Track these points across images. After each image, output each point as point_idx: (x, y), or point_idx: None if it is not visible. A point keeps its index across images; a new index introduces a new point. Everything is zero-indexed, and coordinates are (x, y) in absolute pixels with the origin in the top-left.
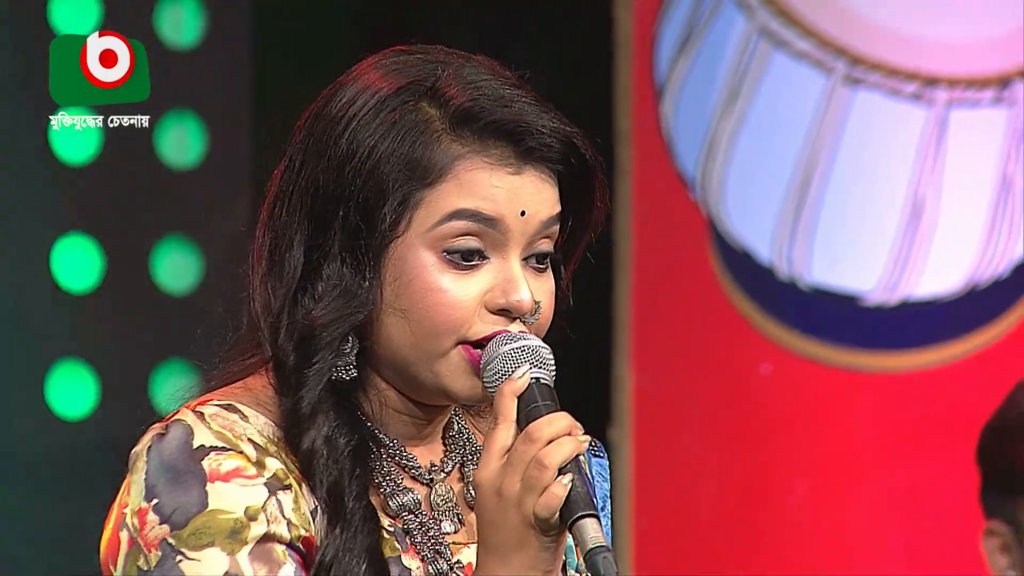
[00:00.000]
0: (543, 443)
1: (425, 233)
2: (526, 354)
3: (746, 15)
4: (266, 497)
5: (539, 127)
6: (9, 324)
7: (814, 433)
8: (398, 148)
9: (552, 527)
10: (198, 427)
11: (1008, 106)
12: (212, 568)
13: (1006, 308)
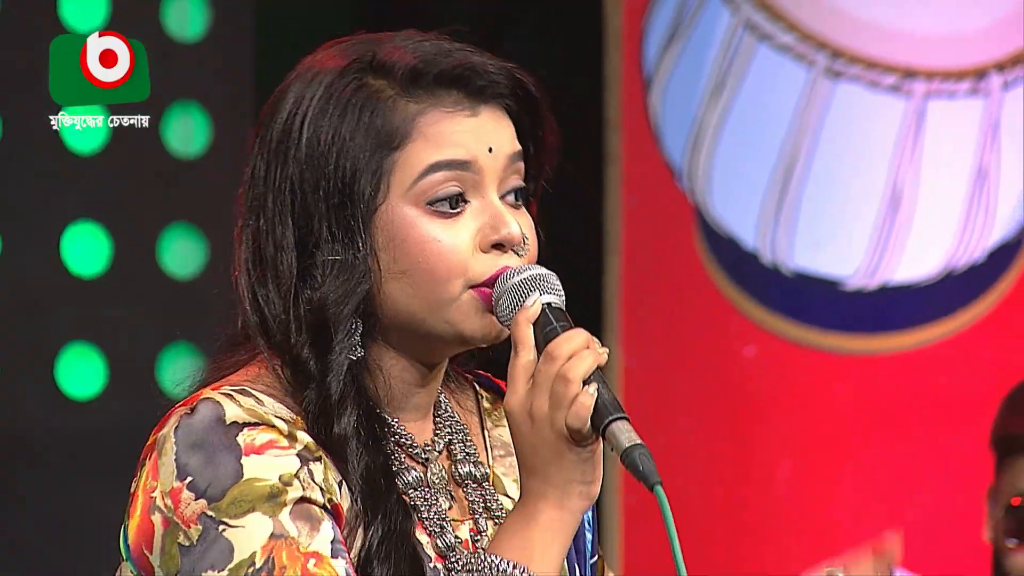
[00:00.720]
0: (564, 359)
1: (406, 193)
2: (534, 282)
3: (731, 9)
4: (299, 466)
5: (484, 68)
6: (21, 308)
7: (798, 413)
8: (358, 124)
9: (586, 436)
10: (228, 405)
11: (984, 97)
12: (257, 531)
13: (982, 292)
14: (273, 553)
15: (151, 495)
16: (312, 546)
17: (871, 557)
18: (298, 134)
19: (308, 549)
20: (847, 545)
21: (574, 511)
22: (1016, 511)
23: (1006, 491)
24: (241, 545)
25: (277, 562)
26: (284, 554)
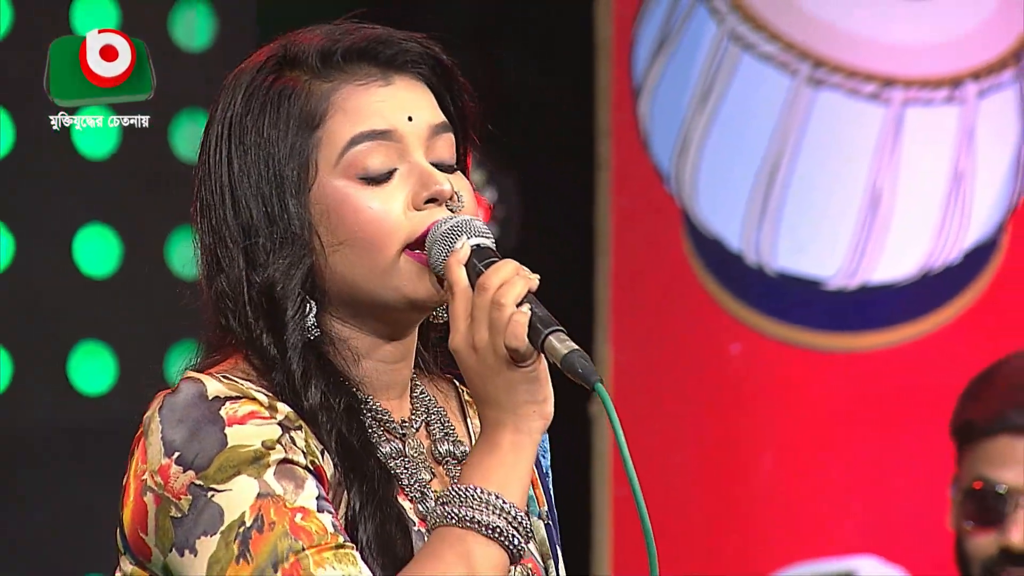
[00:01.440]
0: (495, 288)
1: (333, 168)
2: (461, 228)
3: (716, 20)
4: (280, 433)
5: (391, 38)
6: (34, 307)
7: (780, 408)
8: (279, 113)
9: (526, 355)
10: (209, 381)
11: (959, 105)
12: (244, 493)
13: (958, 292)
14: (261, 511)
15: (142, 478)
16: (298, 502)
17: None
18: (227, 137)
19: (294, 505)
20: (827, 534)
21: (531, 431)
22: (975, 494)
23: (966, 476)
24: (230, 507)
25: (266, 519)
26: (272, 511)
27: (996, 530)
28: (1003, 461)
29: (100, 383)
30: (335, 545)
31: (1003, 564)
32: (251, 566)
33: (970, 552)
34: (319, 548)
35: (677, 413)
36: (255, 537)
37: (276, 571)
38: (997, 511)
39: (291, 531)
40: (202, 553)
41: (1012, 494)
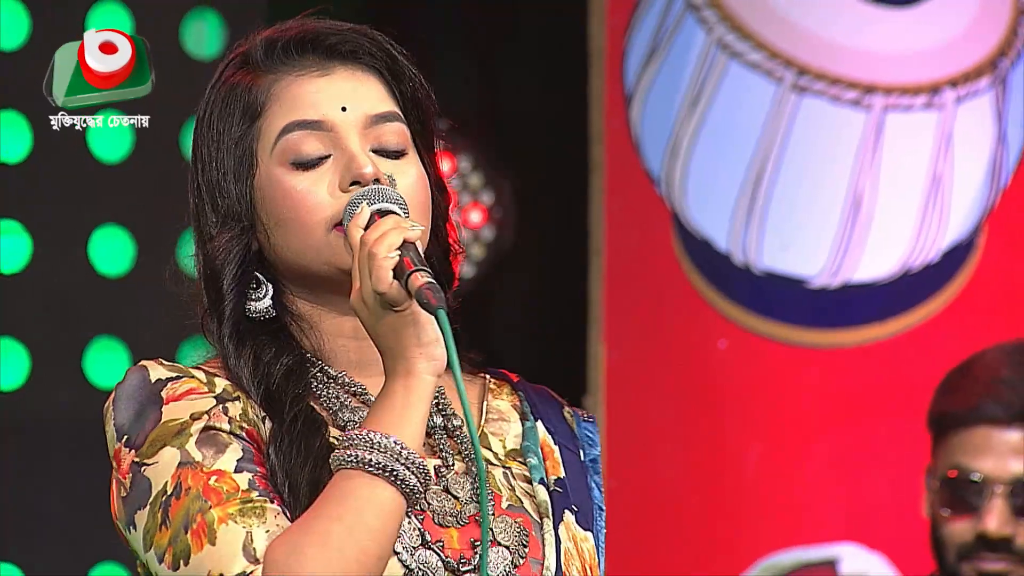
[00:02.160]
0: (371, 241)
1: (270, 155)
2: (364, 196)
3: (705, 30)
4: (213, 404)
5: (333, 29)
6: (52, 305)
7: (766, 402)
8: (229, 110)
9: (397, 299)
10: (153, 367)
11: (938, 111)
12: (167, 463)
13: (936, 290)
14: (180, 479)
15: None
16: (215, 466)
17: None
18: (195, 132)
19: (211, 469)
20: (811, 522)
21: (420, 374)
22: (951, 482)
23: (942, 466)
24: (156, 478)
25: (183, 485)
26: (189, 477)
27: (972, 517)
28: (979, 450)
29: (114, 377)
30: (242, 500)
31: (978, 550)
32: (169, 531)
33: (946, 538)
34: (225, 504)
35: (667, 406)
36: (173, 504)
37: (187, 533)
38: (973, 499)
39: (203, 493)
40: (139, 526)
41: (988, 482)
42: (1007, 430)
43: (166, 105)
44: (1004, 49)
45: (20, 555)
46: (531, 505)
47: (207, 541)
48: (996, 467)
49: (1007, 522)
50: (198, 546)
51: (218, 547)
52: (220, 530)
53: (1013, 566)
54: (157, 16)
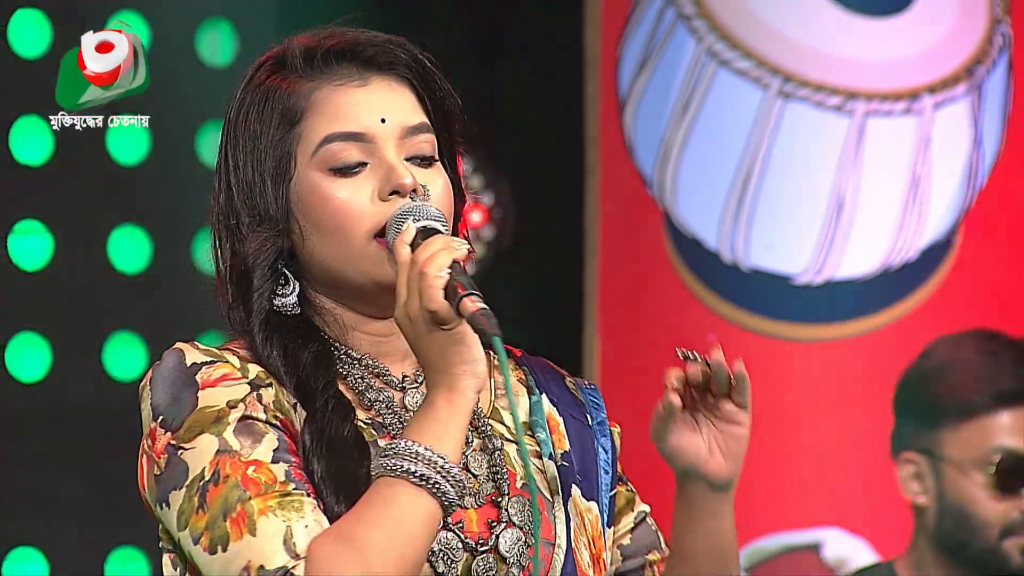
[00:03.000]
0: (423, 260)
1: (309, 161)
2: (410, 212)
3: (696, 39)
4: (248, 392)
5: (371, 40)
6: (72, 301)
7: (753, 393)
8: (265, 113)
9: (446, 317)
10: (189, 351)
11: (917, 116)
12: (205, 450)
13: (915, 287)
14: (218, 466)
15: (142, 445)
16: (253, 455)
17: None
18: (226, 133)
19: (249, 458)
20: (796, 508)
21: (464, 390)
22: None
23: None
24: (194, 463)
25: (221, 472)
26: (228, 465)
27: (1018, 497)
28: (1010, 433)
29: (132, 369)
30: (281, 493)
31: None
32: (207, 516)
33: (988, 519)
34: (265, 496)
35: (659, 396)
36: (211, 490)
37: (225, 520)
38: (1017, 479)
39: (241, 483)
40: (173, 505)
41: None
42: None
43: (181, 110)
44: (980, 57)
45: (42, 540)
46: (542, 481)
47: (247, 531)
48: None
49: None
50: (237, 534)
51: (258, 538)
52: (260, 521)
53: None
54: (173, 25)
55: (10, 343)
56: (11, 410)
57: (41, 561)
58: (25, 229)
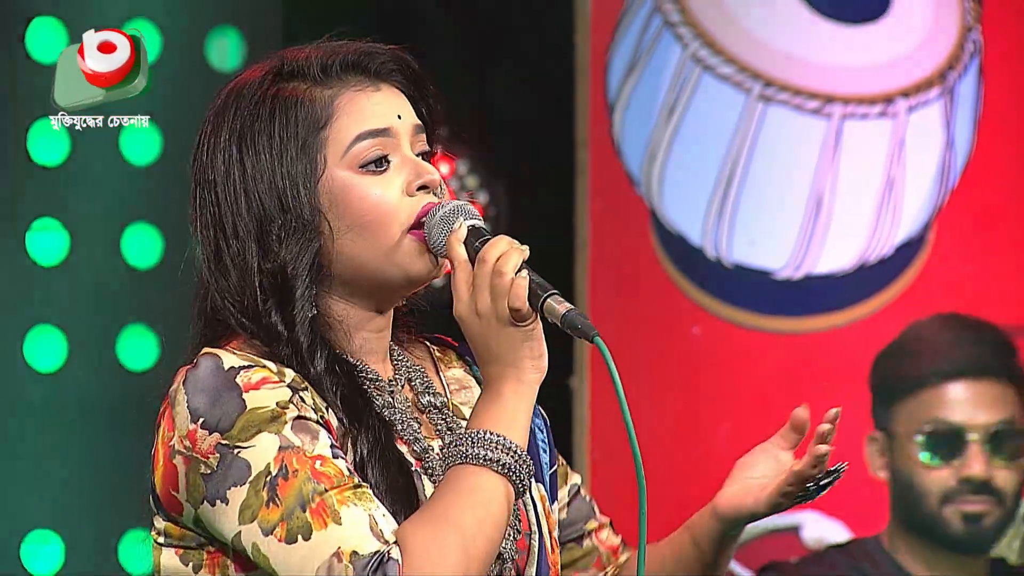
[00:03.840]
0: (494, 260)
1: (340, 161)
2: (457, 211)
3: (681, 45)
4: (291, 394)
5: (376, 51)
6: (87, 295)
7: (736, 382)
8: (287, 119)
9: (526, 316)
10: (225, 355)
11: (892, 119)
12: (267, 447)
13: (889, 282)
14: (284, 461)
15: (170, 444)
16: (316, 451)
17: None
18: (238, 143)
19: (313, 454)
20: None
21: (530, 383)
22: (931, 436)
23: (913, 423)
24: (256, 460)
25: (289, 467)
26: (294, 460)
27: (953, 465)
28: (948, 405)
29: (144, 360)
30: (353, 485)
31: (962, 493)
32: (280, 508)
33: (927, 487)
34: (340, 488)
35: (647, 385)
36: (281, 483)
37: (304, 511)
38: (953, 448)
39: (313, 476)
40: (233, 501)
41: (965, 432)
42: (965, 384)
43: (190, 112)
44: (952, 63)
45: (57, 522)
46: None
47: (331, 520)
48: (970, 418)
49: (986, 465)
50: (321, 524)
51: (344, 526)
52: (343, 511)
53: (991, 506)
54: (184, 33)
55: (28, 335)
56: (29, 399)
57: (57, 542)
58: (42, 226)
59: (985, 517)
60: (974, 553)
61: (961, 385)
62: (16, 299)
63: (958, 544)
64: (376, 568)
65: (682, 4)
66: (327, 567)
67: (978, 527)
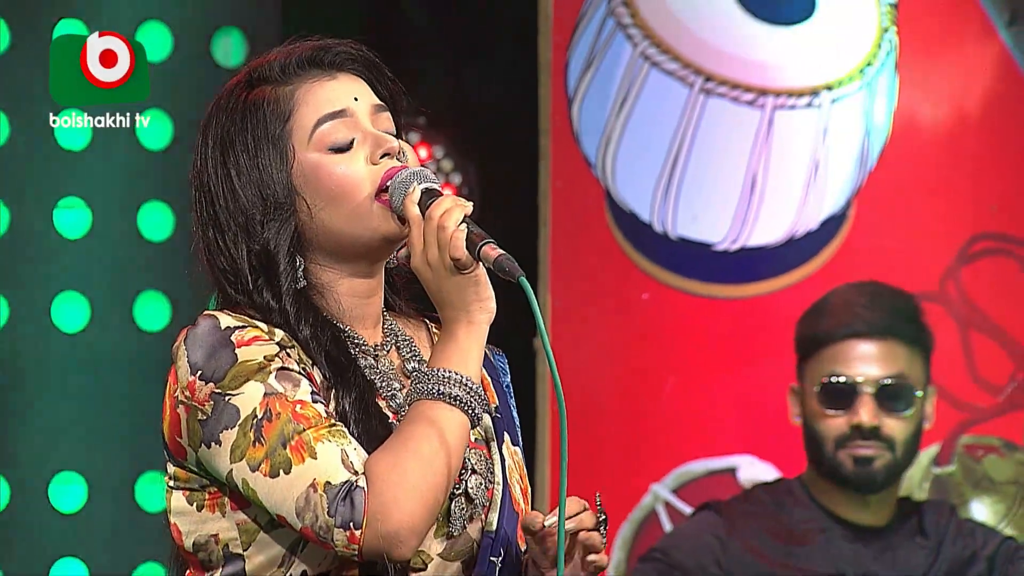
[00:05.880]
0: (438, 216)
1: (307, 146)
2: (413, 176)
3: (631, 44)
4: (278, 350)
5: (330, 46)
6: (107, 264)
7: (680, 343)
8: (259, 116)
9: (467, 264)
10: (222, 316)
11: (817, 109)
12: (254, 394)
13: (815, 253)
14: (269, 405)
15: (175, 395)
16: (296, 396)
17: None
18: (220, 148)
19: (294, 399)
20: (714, 439)
21: (480, 323)
22: (827, 387)
23: (817, 375)
24: (244, 406)
25: (273, 411)
26: (277, 404)
27: (846, 414)
28: (849, 360)
29: (158, 322)
30: (329, 425)
31: (853, 439)
32: (265, 447)
33: (824, 433)
34: (317, 427)
35: (601, 346)
36: (266, 425)
37: (285, 448)
38: (846, 398)
39: (294, 418)
40: (225, 442)
41: (857, 384)
42: (867, 342)
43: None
44: (871, 60)
45: (81, 465)
46: (479, 432)
47: (308, 455)
48: (863, 372)
49: (875, 414)
50: (299, 459)
51: (319, 460)
52: (318, 447)
53: (879, 451)
54: (191, 33)
55: (55, 300)
56: (56, 356)
57: (81, 483)
58: (68, 204)
59: (875, 460)
60: (865, 492)
61: (864, 343)
62: (44, 269)
63: (850, 483)
64: (345, 496)
65: (633, 8)
66: (305, 496)
67: (868, 469)
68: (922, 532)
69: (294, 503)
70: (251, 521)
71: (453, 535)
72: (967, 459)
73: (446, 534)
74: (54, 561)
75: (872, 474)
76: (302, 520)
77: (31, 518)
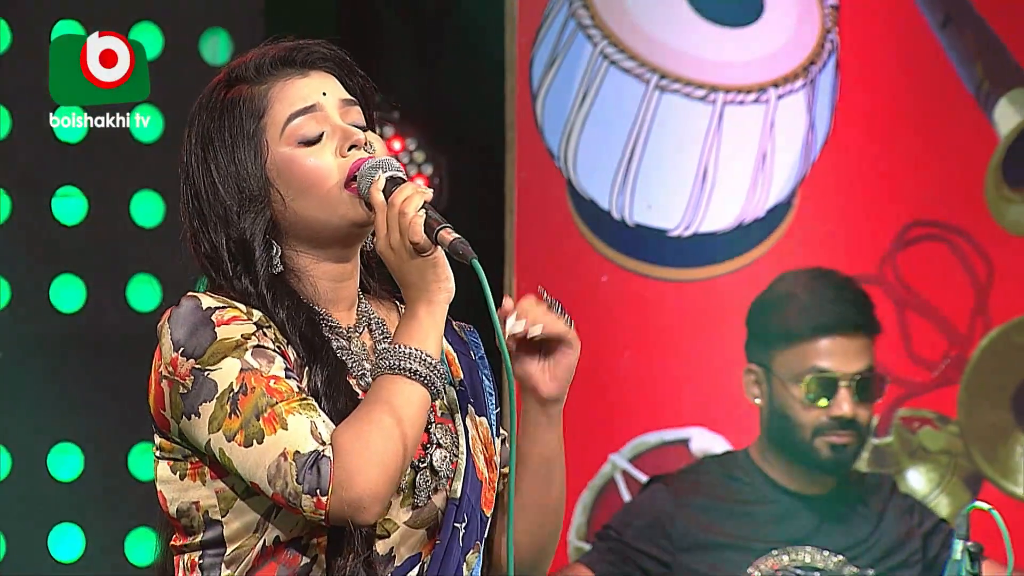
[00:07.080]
0: (399, 203)
1: (280, 141)
2: (378, 165)
3: (591, 43)
4: (255, 329)
5: (302, 46)
6: (102, 249)
7: (636, 321)
8: (235, 115)
9: (425, 247)
10: (203, 297)
11: (764, 104)
12: (230, 369)
13: (763, 239)
14: (244, 380)
15: (159, 371)
16: (271, 372)
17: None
18: (201, 145)
19: (268, 374)
20: (669, 411)
21: (439, 302)
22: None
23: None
24: (222, 380)
25: (248, 384)
26: (252, 379)
27: (827, 406)
28: (829, 355)
29: (150, 304)
30: (300, 399)
31: (832, 428)
32: (240, 418)
33: (803, 422)
34: (288, 401)
35: None
36: (241, 398)
37: (258, 420)
38: (826, 391)
39: (267, 392)
40: (204, 415)
41: (837, 378)
42: (842, 338)
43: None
44: (814, 59)
45: (78, 436)
46: (443, 404)
47: (279, 426)
48: (843, 367)
49: (852, 406)
50: (271, 430)
51: (290, 431)
52: (289, 419)
53: (852, 438)
54: (181, 33)
55: (53, 282)
56: (54, 336)
57: (77, 453)
58: (65, 193)
59: (848, 447)
60: (835, 473)
61: (833, 340)
62: (43, 253)
63: (824, 466)
64: (312, 464)
65: (592, 9)
66: (276, 465)
67: (842, 454)
68: (863, 502)
69: (266, 471)
70: (229, 489)
71: (419, 505)
72: (904, 431)
73: (411, 504)
74: (52, 526)
75: (845, 459)
76: (273, 487)
77: (31, 486)
